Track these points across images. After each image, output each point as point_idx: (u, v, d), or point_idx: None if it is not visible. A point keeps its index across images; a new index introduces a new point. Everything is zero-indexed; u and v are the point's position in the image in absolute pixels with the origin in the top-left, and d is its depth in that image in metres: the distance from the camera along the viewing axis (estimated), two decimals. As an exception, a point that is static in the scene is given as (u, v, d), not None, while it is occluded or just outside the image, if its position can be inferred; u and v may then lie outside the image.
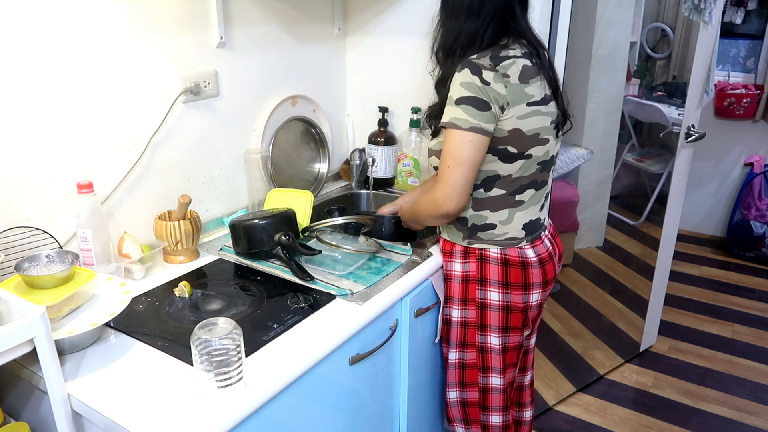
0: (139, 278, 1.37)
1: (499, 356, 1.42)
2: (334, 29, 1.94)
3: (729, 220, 3.58)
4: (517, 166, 1.28)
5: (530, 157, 1.27)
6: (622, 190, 2.84)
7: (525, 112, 1.22)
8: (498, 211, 1.32)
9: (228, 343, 0.92)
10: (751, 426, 2.16)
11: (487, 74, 1.19)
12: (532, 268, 1.35)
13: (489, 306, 1.38)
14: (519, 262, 1.35)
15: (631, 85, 2.98)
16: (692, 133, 2.23)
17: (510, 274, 1.35)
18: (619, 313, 2.58)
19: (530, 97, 1.23)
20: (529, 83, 1.23)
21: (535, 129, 1.25)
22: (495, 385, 1.46)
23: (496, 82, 1.19)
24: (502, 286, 1.36)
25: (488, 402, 1.48)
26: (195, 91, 1.50)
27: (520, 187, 1.31)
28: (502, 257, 1.35)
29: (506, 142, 1.24)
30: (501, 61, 1.21)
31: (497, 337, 1.40)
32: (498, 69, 1.20)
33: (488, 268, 1.36)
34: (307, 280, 1.34)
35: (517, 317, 1.39)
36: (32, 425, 1.08)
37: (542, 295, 1.40)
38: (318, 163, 1.95)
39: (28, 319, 0.89)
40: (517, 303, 1.37)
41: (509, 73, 1.20)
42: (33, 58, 1.19)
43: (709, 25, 2.09)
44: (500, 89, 1.19)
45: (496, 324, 1.39)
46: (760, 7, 3.38)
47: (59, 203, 1.29)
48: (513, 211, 1.33)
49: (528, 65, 1.23)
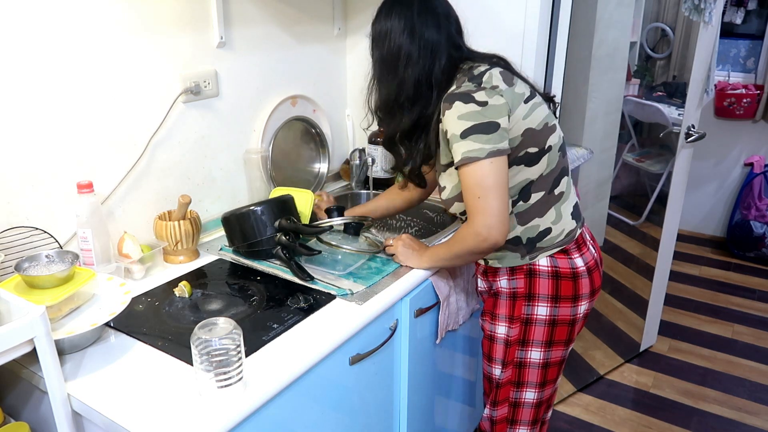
0: (139, 278, 1.37)
1: (539, 371, 1.37)
2: (334, 29, 1.94)
3: (729, 220, 3.57)
4: (545, 163, 1.24)
5: (551, 149, 1.24)
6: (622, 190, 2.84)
7: (526, 110, 1.20)
8: (546, 214, 1.27)
9: (228, 343, 0.92)
10: (751, 426, 2.16)
11: (479, 95, 1.16)
12: (581, 279, 1.30)
13: (535, 321, 1.32)
14: (570, 274, 1.29)
15: (631, 85, 2.97)
16: (692, 133, 2.23)
17: (560, 287, 1.29)
18: (619, 313, 2.58)
19: (523, 95, 1.21)
20: (514, 83, 1.21)
21: (541, 120, 1.23)
22: (527, 400, 1.41)
23: (491, 96, 1.16)
24: (551, 300, 1.30)
25: (517, 416, 1.44)
26: (195, 91, 1.50)
27: (555, 180, 1.27)
28: (552, 270, 1.29)
29: (525, 145, 1.21)
30: (481, 78, 1.19)
31: (539, 351, 1.35)
32: (484, 85, 1.17)
33: (537, 283, 1.30)
34: (307, 280, 1.34)
35: (563, 331, 1.34)
36: (32, 425, 1.08)
37: (589, 305, 1.35)
38: (318, 163, 1.95)
39: (28, 319, 0.89)
40: (565, 316, 1.32)
41: (495, 83, 1.18)
42: (33, 58, 1.19)
43: (709, 25, 2.09)
44: (498, 101, 1.16)
45: (540, 339, 1.34)
46: (760, 7, 3.38)
47: (59, 203, 1.29)
48: (558, 206, 1.28)
49: (501, 70, 1.22)
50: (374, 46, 1.28)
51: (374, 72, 1.30)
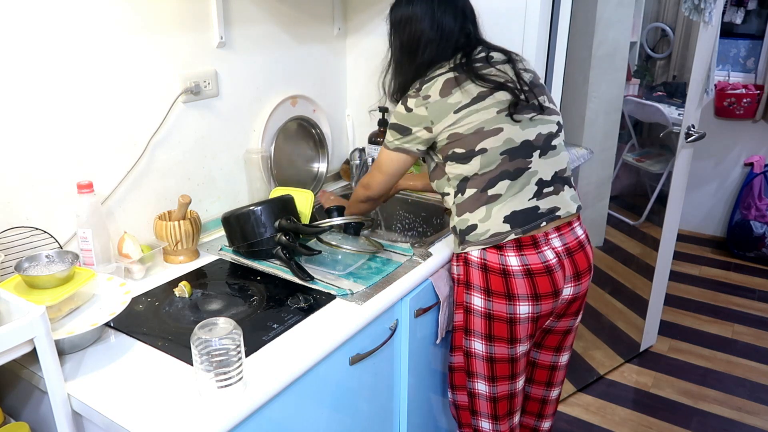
0: (139, 278, 1.37)
1: (485, 363, 1.39)
2: (334, 29, 1.94)
3: (729, 220, 3.58)
4: (477, 163, 1.29)
5: (484, 151, 1.28)
6: (622, 190, 2.84)
7: (454, 119, 1.29)
8: (475, 211, 1.31)
9: (228, 343, 0.92)
10: (751, 426, 2.16)
11: (410, 102, 1.33)
12: (514, 278, 1.30)
13: (473, 311, 1.36)
14: (499, 270, 1.30)
15: (631, 85, 2.98)
16: (692, 133, 2.23)
17: (490, 280, 1.32)
18: (619, 313, 2.58)
19: (456, 105, 1.29)
20: (452, 93, 1.29)
21: (474, 126, 1.28)
22: (481, 391, 1.43)
23: (417, 107, 1.32)
24: (484, 292, 1.33)
25: (475, 406, 1.47)
26: (195, 91, 1.50)
27: (490, 181, 1.29)
28: (481, 262, 1.32)
29: (451, 146, 1.31)
30: (424, 84, 1.32)
31: (481, 343, 1.37)
32: (420, 93, 1.32)
33: (471, 272, 1.34)
34: (307, 280, 1.34)
35: (501, 327, 1.34)
36: (32, 425, 1.08)
37: (533, 308, 1.32)
38: (317, 163, 1.95)
39: (28, 319, 0.89)
40: (500, 312, 1.33)
41: (430, 93, 1.31)
42: (33, 58, 1.19)
43: (709, 25, 2.09)
44: (421, 112, 1.31)
45: (480, 330, 1.36)
46: (760, 7, 3.38)
47: (59, 203, 1.29)
48: (489, 207, 1.30)
49: (449, 78, 1.31)
50: (394, 31, 1.42)
51: (393, 56, 1.44)
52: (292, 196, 1.52)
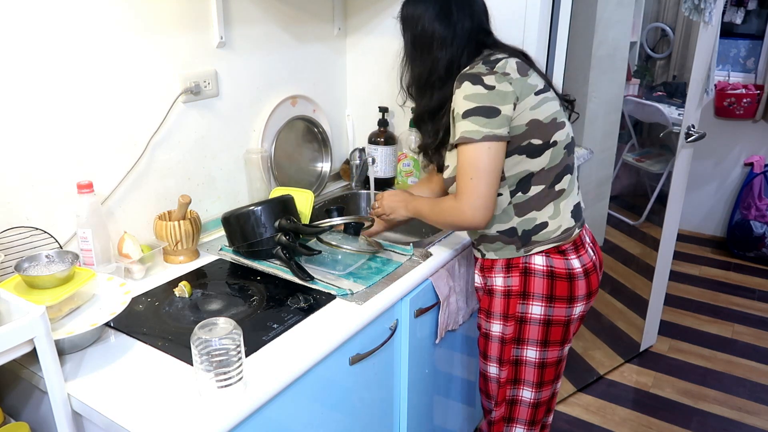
0: (139, 278, 1.37)
1: (535, 370, 1.37)
2: (334, 29, 1.94)
3: (729, 220, 3.57)
4: (547, 157, 1.23)
5: (556, 144, 1.24)
6: (622, 190, 2.84)
7: (536, 101, 1.21)
8: (544, 208, 1.26)
9: (228, 343, 0.92)
10: (751, 426, 2.16)
11: (488, 79, 1.18)
12: (577, 280, 1.29)
13: (529, 320, 1.32)
14: (565, 275, 1.29)
15: (631, 85, 2.97)
16: (692, 133, 2.23)
17: (555, 287, 1.29)
18: (619, 313, 2.58)
19: (535, 87, 1.22)
20: (528, 75, 1.22)
21: (550, 115, 1.23)
22: (525, 398, 1.42)
23: (500, 82, 1.18)
24: (546, 299, 1.30)
25: (514, 413, 1.44)
26: (195, 91, 1.50)
27: (557, 176, 1.26)
28: (547, 270, 1.28)
29: (528, 135, 1.21)
30: (495, 64, 1.21)
31: (534, 350, 1.35)
32: (497, 70, 1.20)
33: (532, 282, 1.30)
34: (307, 280, 1.34)
35: (557, 331, 1.33)
36: (32, 425, 1.08)
37: (585, 307, 1.35)
38: (320, 163, 1.95)
39: (28, 319, 0.89)
40: (560, 316, 1.32)
41: (508, 71, 1.20)
42: (33, 58, 1.19)
43: (709, 25, 2.09)
44: (506, 87, 1.18)
45: (535, 338, 1.34)
46: (760, 7, 3.38)
47: (59, 203, 1.29)
48: (557, 202, 1.27)
49: (518, 61, 1.24)
50: (405, 26, 1.32)
51: (406, 51, 1.34)
52: (292, 196, 1.52)
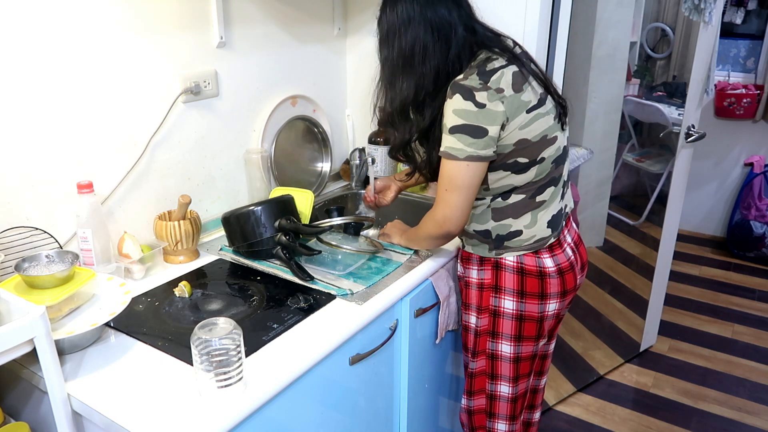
0: (139, 278, 1.37)
1: (510, 365, 1.38)
2: (334, 29, 1.94)
3: (729, 220, 3.57)
4: (533, 173, 1.22)
5: (543, 160, 1.22)
6: (622, 190, 2.84)
7: (526, 120, 1.17)
8: (521, 217, 1.26)
9: (228, 343, 0.92)
10: (751, 426, 2.16)
11: (480, 96, 1.12)
12: (549, 278, 1.30)
13: (502, 314, 1.34)
14: (536, 272, 1.29)
15: (631, 85, 2.97)
16: (692, 133, 2.23)
17: (526, 283, 1.30)
18: (619, 313, 2.58)
19: (527, 104, 1.17)
20: (523, 90, 1.17)
21: (540, 133, 1.20)
22: (503, 393, 1.43)
23: (492, 101, 1.13)
24: (517, 294, 1.31)
25: (494, 409, 1.46)
26: (195, 91, 1.50)
27: (539, 188, 1.25)
28: (518, 266, 1.29)
29: (515, 154, 1.19)
30: (490, 76, 1.14)
31: (509, 345, 1.36)
32: (490, 86, 1.13)
33: (503, 276, 1.31)
34: (307, 280, 1.34)
35: (531, 327, 1.34)
36: (32, 425, 1.08)
37: (560, 305, 1.35)
38: (320, 163, 1.95)
39: (28, 319, 0.89)
40: (532, 312, 1.33)
41: (502, 87, 1.14)
42: (33, 58, 1.19)
43: (709, 25, 2.09)
44: (497, 107, 1.13)
45: (509, 332, 1.35)
46: (760, 7, 3.38)
47: (59, 203, 1.29)
48: (535, 213, 1.26)
49: (516, 71, 1.17)
50: (384, 45, 1.22)
51: (385, 74, 1.23)
52: (292, 196, 1.52)
